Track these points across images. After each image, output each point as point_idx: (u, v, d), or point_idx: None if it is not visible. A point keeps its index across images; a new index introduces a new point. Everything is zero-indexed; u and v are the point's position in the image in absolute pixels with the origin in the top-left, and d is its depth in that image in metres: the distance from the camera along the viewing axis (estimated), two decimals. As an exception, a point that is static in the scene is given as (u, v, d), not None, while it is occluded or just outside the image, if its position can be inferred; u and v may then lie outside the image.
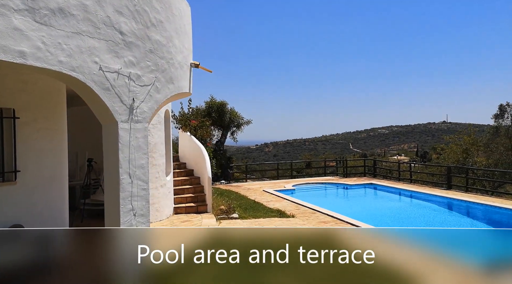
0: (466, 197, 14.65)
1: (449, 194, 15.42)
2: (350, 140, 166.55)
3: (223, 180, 19.98)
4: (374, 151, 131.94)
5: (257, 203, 13.12)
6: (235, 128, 21.18)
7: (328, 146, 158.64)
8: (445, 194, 15.23)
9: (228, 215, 10.07)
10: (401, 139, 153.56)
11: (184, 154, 12.11)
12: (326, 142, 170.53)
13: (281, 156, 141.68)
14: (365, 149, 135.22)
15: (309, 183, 19.65)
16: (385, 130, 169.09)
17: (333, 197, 17.25)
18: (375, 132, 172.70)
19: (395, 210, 13.58)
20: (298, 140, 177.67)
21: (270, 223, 9.80)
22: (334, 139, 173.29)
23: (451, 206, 14.21)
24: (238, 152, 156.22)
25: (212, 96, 20.36)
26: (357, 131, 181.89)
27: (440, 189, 17.01)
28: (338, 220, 10.58)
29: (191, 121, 11.65)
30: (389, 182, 19.18)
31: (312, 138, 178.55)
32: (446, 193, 15.71)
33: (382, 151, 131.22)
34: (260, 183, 19.56)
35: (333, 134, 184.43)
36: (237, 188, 17.50)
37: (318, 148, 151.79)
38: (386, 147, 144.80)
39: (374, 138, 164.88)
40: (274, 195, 15.30)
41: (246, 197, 14.49)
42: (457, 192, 15.96)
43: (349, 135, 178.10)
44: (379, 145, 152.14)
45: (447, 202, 14.56)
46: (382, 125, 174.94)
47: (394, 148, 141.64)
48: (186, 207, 10.15)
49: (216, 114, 19.72)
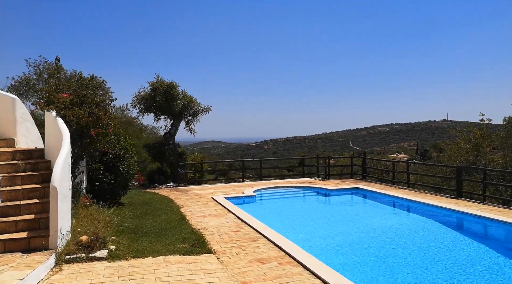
0: (489, 211, 10.38)
1: (460, 205, 11.16)
2: (350, 138, 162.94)
3: (171, 183, 15.73)
4: (374, 148, 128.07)
5: (181, 221, 8.94)
6: (191, 118, 16.90)
7: (328, 144, 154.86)
8: (456, 206, 10.96)
9: (88, 253, 5.83)
10: (401, 137, 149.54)
11: (49, 147, 7.87)
12: (326, 139, 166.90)
13: (280, 153, 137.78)
14: (365, 147, 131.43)
15: (278, 186, 15.40)
16: (385, 128, 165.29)
17: (301, 208, 12.91)
18: (375, 130, 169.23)
19: (384, 236, 9.05)
20: (298, 138, 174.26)
21: (155, 271, 5.57)
22: (334, 137, 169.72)
23: (471, 227, 9.86)
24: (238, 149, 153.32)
25: (159, 75, 16.00)
26: (357, 129, 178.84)
27: (446, 196, 12.75)
28: (286, 258, 6.34)
29: (59, 95, 7.38)
30: (381, 186, 14.92)
31: (312, 136, 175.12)
32: (456, 203, 11.46)
33: (382, 149, 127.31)
34: (216, 187, 15.34)
35: (333, 132, 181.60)
36: (180, 194, 13.30)
37: (318, 145, 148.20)
38: (386, 144, 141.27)
39: (374, 136, 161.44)
40: (221, 205, 11.13)
41: (174, 210, 10.32)
42: (471, 203, 11.70)
43: (349, 133, 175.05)
44: (379, 143, 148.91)
45: (464, 220, 10.27)
46: (383, 123, 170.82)
47: (394, 146, 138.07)
48: (7, 240, 5.82)
49: (162, 98, 15.36)
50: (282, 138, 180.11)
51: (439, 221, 10.13)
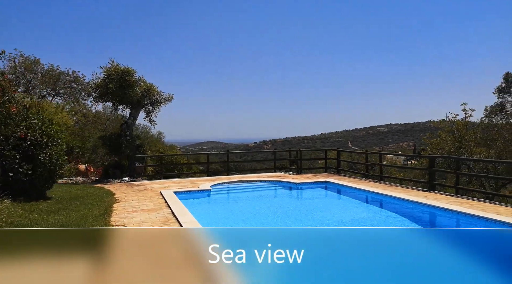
0: (454, 204, 9.24)
1: (429, 198, 10.01)
2: (349, 138, 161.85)
3: (127, 177, 14.59)
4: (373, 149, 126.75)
5: (100, 217, 7.89)
6: (151, 107, 15.74)
7: (327, 144, 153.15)
8: (423, 199, 9.81)
9: None
10: (400, 137, 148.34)
11: None
12: (325, 139, 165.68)
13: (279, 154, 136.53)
14: (363, 147, 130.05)
15: (242, 180, 14.25)
16: (384, 129, 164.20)
17: (256, 202, 11.40)
18: (374, 130, 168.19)
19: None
20: (297, 138, 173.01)
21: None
22: (333, 137, 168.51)
23: (434, 220, 8.79)
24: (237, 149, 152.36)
25: (113, 60, 14.80)
26: (356, 129, 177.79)
27: (419, 189, 11.60)
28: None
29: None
30: (352, 180, 13.76)
31: (311, 136, 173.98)
32: (425, 196, 10.31)
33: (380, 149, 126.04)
34: (175, 181, 14.21)
35: (332, 132, 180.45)
36: (128, 189, 12.20)
37: (317, 146, 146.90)
38: (385, 145, 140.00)
39: (373, 136, 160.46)
40: (164, 200, 10.04)
41: (104, 205, 9.26)
42: (443, 195, 10.55)
43: (348, 133, 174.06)
44: (378, 143, 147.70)
45: (426, 213, 9.14)
46: (382, 124, 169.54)
47: (393, 146, 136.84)
48: None
49: (115, 85, 14.19)
50: (281, 138, 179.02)
51: (403, 215, 8.99)
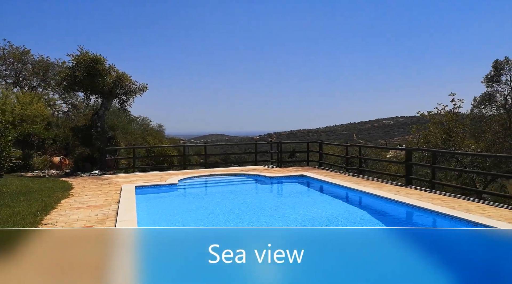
0: (425, 200, 8.54)
1: (401, 193, 9.31)
2: (355, 131, 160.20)
3: (97, 170, 14.03)
4: (378, 141, 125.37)
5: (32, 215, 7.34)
6: (125, 97, 15.12)
7: (332, 137, 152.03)
8: (393, 195, 9.11)
9: None
10: (405, 130, 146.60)
11: None
12: (330, 132, 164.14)
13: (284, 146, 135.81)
14: (369, 140, 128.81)
15: (215, 174, 13.63)
16: (390, 121, 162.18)
17: (221, 198, 10.54)
18: (380, 123, 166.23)
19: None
20: (301, 131, 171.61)
21: None
22: (338, 130, 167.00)
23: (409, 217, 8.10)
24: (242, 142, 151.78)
25: (82, 47, 14.15)
26: (362, 122, 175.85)
27: (392, 184, 10.88)
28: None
29: None
30: (330, 173, 13.08)
31: (316, 129, 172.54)
32: (397, 191, 9.60)
33: (386, 141, 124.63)
34: (145, 175, 13.65)
35: (337, 125, 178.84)
36: (91, 183, 11.66)
37: (322, 139, 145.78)
38: (390, 138, 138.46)
39: (378, 129, 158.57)
40: (119, 195, 9.44)
41: (49, 200, 8.71)
42: (416, 191, 9.83)
43: (354, 126, 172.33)
44: (384, 136, 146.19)
45: (391, 210, 8.44)
46: (387, 116, 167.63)
47: (399, 139, 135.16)
48: None
49: (83, 74, 13.55)
50: (286, 131, 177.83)
51: (371, 212, 8.34)
